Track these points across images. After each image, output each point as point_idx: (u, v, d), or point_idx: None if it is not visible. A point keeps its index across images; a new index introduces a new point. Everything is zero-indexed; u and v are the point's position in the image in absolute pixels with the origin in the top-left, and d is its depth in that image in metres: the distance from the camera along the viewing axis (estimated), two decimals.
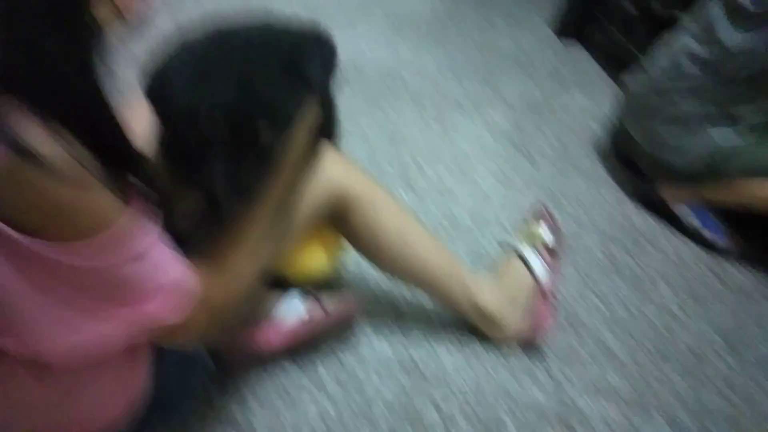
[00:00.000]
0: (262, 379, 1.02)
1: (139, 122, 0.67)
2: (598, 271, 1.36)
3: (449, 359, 1.11)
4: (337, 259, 1.15)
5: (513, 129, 1.76)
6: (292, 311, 1.01)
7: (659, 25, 1.84)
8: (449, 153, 1.60)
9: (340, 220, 0.96)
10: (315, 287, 1.06)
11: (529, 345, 1.15)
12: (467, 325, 1.14)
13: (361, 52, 1.91)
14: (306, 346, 1.05)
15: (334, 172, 0.92)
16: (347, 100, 1.68)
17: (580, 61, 2.21)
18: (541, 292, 1.11)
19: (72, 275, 0.49)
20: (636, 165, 1.56)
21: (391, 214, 0.98)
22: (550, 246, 1.17)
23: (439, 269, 1.04)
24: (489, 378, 1.09)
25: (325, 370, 1.05)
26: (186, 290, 0.58)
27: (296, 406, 1.00)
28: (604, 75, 2.14)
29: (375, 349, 1.09)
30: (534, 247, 1.15)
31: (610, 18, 2.16)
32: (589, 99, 1.99)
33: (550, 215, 1.23)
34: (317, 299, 1.04)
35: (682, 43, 1.40)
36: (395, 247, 0.99)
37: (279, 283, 1.05)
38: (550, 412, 1.06)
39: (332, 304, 1.04)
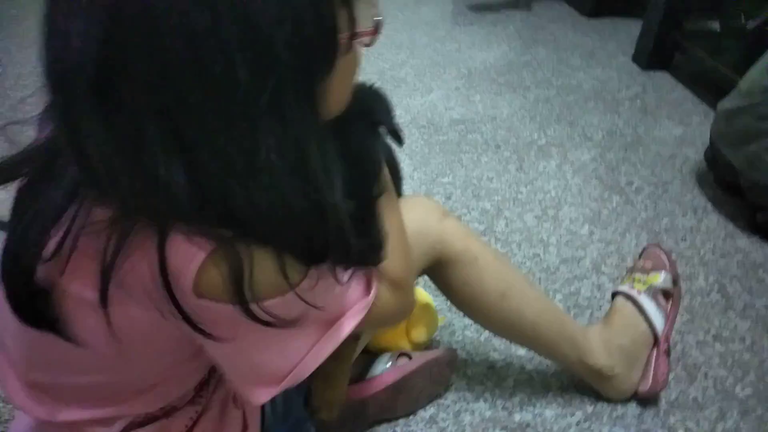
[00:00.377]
0: None
1: None
2: (713, 311, 1.24)
3: (556, 421, 1.03)
4: (434, 331, 1.14)
5: (602, 168, 1.69)
6: (381, 367, 1.00)
7: (753, 42, 1.73)
8: (536, 200, 1.55)
9: (438, 276, 0.93)
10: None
11: (647, 400, 1.05)
12: (574, 381, 1.07)
13: (438, 114, 1.93)
14: (401, 405, 1.02)
15: (433, 225, 0.89)
16: (427, 161, 1.70)
17: (670, 90, 2.11)
18: (657, 341, 1.02)
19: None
20: (743, 192, 1.43)
21: (494, 270, 0.93)
22: (666, 289, 1.07)
23: (548, 330, 0.97)
24: None
25: None
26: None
27: None
28: (698, 101, 2.03)
29: (475, 414, 1.04)
30: (647, 291, 1.06)
31: (696, 41, 2.06)
32: (683, 127, 1.88)
33: (665, 254, 1.13)
34: (406, 354, 1.03)
35: None
36: (498, 307, 0.93)
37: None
38: None
39: (419, 354, 1.02)
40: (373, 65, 2.22)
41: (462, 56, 2.32)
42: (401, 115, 1.91)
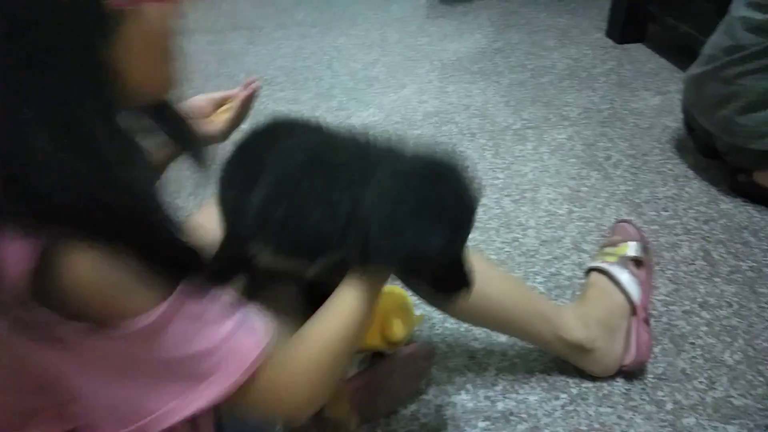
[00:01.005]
0: None
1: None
2: (699, 279, 1.21)
3: (541, 406, 1.00)
4: (411, 329, 1.11)
5: (579, 145, 1.66)
6: (354, 369, 0.98)
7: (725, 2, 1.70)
8: (514, 184, 1.53)
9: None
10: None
11: (633, 374, 1.02)
12: (557, 364, 1.05)
13: (412, 108, 1.91)
14: (381, 405, 1.00)
15: None
16: None
17: (646, 61, 2.08)
18: (635, 310, 1.00)
19: (120, 357, 0.50)
20: (722, 156, 1.40)
21: None
22: (637, 257, 1.05)
23: (516, 308, 0.95)
24: (590, 420, 0.97)
25: None
26: (250, 354, 0.56)
27: None
28: (674, 69, 2.00)
29: (457, 407, 1.01)
30: (620, 263, 1.04)
31: (669, 10, 2.03)
32: (661, 97, 1.85)
33: (633, 226, 1.11)
34: (380, 353, 1.00)
35: (739, 16, 1.27)
36: None
37: None
38: None
39: (394, 352, 1.00)
40: (345, 66, 2.21)
41: (434, 49, 2.30)
42: (374, 114, 1.89)
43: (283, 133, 0.74)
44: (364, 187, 0.65)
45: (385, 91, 2.03)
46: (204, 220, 0.70)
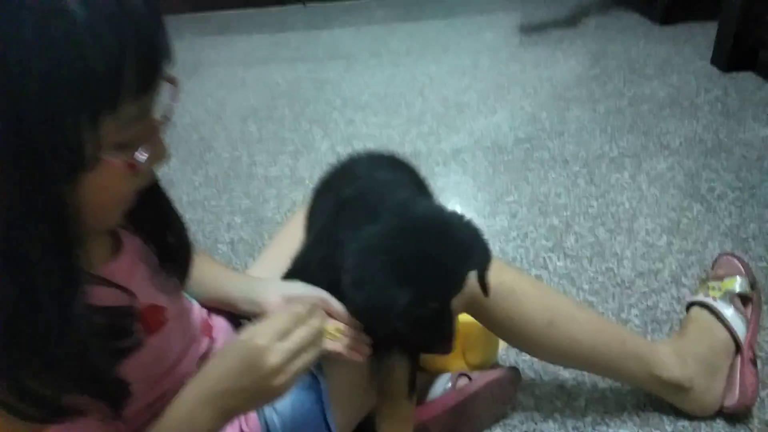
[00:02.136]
0: None
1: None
2: None
3: None
4: (494, 354, 1.11)
5: (681, 176, 1.59)
6: (441, 389, 0.98)
7: None
8: (609, 213, 1.49)
9: (479, 314, 0.92)
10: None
11: (736, 417, 0.96)
12: (651, 399, 1.00)
13: (503, 134, 1.91)
14: (464, 426, 0.99)
15: None
16: (491, 181, 1.68)
17: (755, 90, 1.97)
18: (740, 348, 0.94)
19: None
20: None
21: (534, 299, 0.91)
22: (744, 293, 0.99)
23: (603, 348, 0.92)
24: None
25: None
26: None
27: None
28: None
29: None
30: (725, 298, 0.98)
31: None
32: None
33: (739, 260, 1.05)
34: (466, 375, 1.00)
35: None
36: (546, 335, 0.91)
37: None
38: None
39: (480, 375, 0.99)
40: (436, 92, 2.24)
41: (527, 76, 2.29)
42: (464, 139, 1.91)
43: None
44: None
45: (475, 117, 2.04)
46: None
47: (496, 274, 0.87)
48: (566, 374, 1.08)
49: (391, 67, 2.53)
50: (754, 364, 0.93)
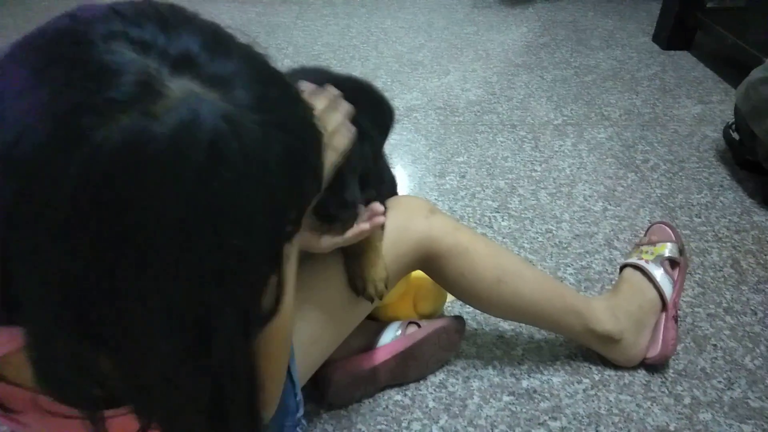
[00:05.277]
0: (374, 413, 1.04)
1: None
2: (726, 285, 1.24)
3: (564, 388, 1.05)
4: (441, 306, 1.17)
5: (619, 146, 1.69)
6: (391, 335, 1.03)
7: None
8: (551, 178, 1.57)
9: (433, 272, 0.96)
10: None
11: (654, 368, 1.06)
12: (582, 351, 1.09)
13: (455, 95, 1.95)
14: (411, 371, 1.05)
15: (419, 224, 0.91)
16: (443, 141, 1.72)
17: (690, 69, 2.09)
18: (665, 306, 1.04)
19: None
20: (761, 167, 1.43)
21: (487, 258, 0.95)
22: (673, 258, 1.09)
23: (546, 303, 0.99)
24: (609, 405, 1.02)
25: (435, 403, 1.04)
26: None
27: None
28: (718, 80, 2.01)
29: (484, 380, 1.07)
30: (656, 261, 1.07)
31: (718, 19, 2.03)
32: (702, 106, 1.87)
33: (672, 229, 1.14)
34: (416, 323, 1.06)
35: None
36: (495, 291, 0.96)
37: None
38: None
39: (428, 323, 1.05)
40: (391, 48, 2.25)
41: (480, 39, 2.33)
42: (417, 98, 1.93)
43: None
44: None
45: (429, 77, 2.06)
46: None
47: (453, 234, 0.92)
48: (505, 326, 1.16)
49: (346, 18, 2.50)
50: (676, 321, 1.03)
